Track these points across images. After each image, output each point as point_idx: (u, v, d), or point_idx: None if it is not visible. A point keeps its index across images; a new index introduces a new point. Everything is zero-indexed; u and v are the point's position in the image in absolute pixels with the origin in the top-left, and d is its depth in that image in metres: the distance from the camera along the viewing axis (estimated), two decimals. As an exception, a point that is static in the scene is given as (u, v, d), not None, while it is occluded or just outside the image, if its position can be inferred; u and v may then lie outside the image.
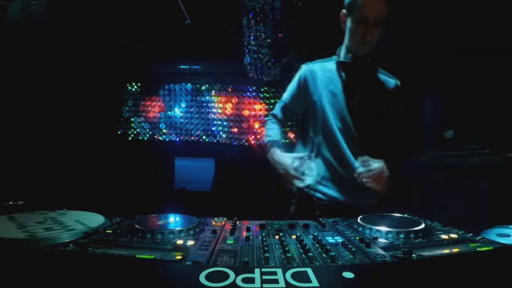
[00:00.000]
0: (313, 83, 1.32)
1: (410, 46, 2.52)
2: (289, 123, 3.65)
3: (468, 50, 1.83)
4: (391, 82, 1.34)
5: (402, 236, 0.78)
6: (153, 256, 0.62)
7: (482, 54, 1.70)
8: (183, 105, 4.22)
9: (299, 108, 1.39)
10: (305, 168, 1.14)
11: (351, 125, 1.27)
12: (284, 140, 1.51)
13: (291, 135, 3.83)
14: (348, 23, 1.23)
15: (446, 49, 2.07)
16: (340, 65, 1.30)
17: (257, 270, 0.51)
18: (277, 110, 1.44)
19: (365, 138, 1.26)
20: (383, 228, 0.81)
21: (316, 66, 1.34)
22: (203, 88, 4.18)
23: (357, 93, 1.27)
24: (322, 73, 1.32)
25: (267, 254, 0.63)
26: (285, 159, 1.18)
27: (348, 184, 1.26)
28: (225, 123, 4.16)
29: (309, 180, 1.15)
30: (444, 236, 0.77)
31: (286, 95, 1.41)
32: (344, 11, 1.25)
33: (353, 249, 0.67)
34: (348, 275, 0.49)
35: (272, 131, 1.37)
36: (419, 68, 2.43)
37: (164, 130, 4.26)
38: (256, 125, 4.06)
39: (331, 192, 1.30)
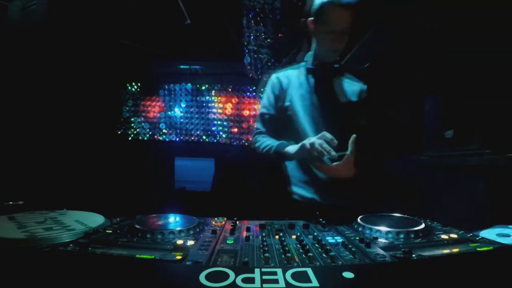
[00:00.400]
0: (286, 89, 1.35)
1: (410, 46, 2.52)
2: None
3: (468, 50, 1.83)
4: (358, 85, 1.39)
5: (402, 236, 0.78)
6: (153, 256, 0.62)
7: (482, 54, 1.70)
8: (183, 105, 4.22)
9: (279, 114, 1.37)
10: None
11: (324, 127, 1.28)
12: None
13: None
14: (316, 31, 1.27)
15: (446, 49, 2.07)
16: (309, 72, 1.35)
17: (257, 270, 0.51)
18: (262, 127, 1.39)
19: (338, 139, 1.25)
20: (383, 228, 0.81)
21: (287, 73, 1.39)
22: (203, 88, 4.18)
23: (327, 97, 1.33)
24: (293, 80, 1.36)
25: (267, 254, 0.63)
26: (301, 143, 1.15)
27: (324, 185, 1.29)
28: (225, 123, 4.16)
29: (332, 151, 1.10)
30: (444, 236, 0.77)
31: (267, 107, 1.38)
32: (310, 19, 1.27)
33: (353, 249, 0.67)
34: (348, 275, 0.49)
35: (269, 140, 1.33)
36: (419, 68, 2.43)
37: (164, 130, 4.26)
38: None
39: (307, 194, 1.31)
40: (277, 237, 0.80)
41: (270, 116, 1.37)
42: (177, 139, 4.25)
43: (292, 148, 1.22)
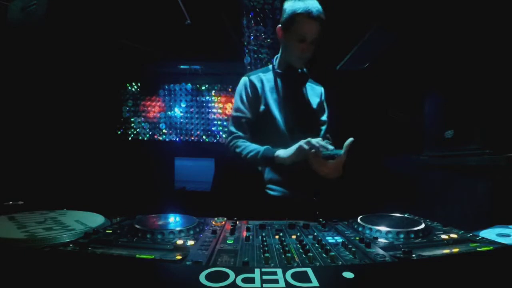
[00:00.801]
0: (261, 93, 1.39)
1: (410, 46, 2.52)
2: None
3: (468, 50, 1.83)
4: (318, 88, 1.52)
5: (402, 236, 0.78)
6: (153, 256, 0.62)
7: (482, 54, 1.70)
8: (183, 105, 4.22)
9: (255, 117, 1.38)
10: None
11: (299, 129, 1.36)
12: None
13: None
14: (286, 39, 1.34)
15: (446, 49, 2.07)
16: (277, 75, 1.42)
17: (257, 270, 0.51)
18: (238, 131, 1.36)
19: (308, 136, 1.26)
20: (383, 228, 0.81)
21: (258, 76, 1.42)
22: (203, 88, 4.18)
23: (299, 100, 1.43)
24: (266, 83, 1.41)
25: (267, 254, 0.63)
26: (294, 149, 1.16)
27: (298, 182, 1.34)
28: (225, 123, 4.16)
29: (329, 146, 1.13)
30: (444, 236, 0.77)
31: (242, 111, 1.37)
32: (280, 26, 1.35)
33: (353, 249, 0.67)
34: (348, 275, 0.49)
35: (252, 145, 1.30)
36: (419, 68, 2.43)
37: (164, 130, 4.26)
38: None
39: (284, 192, 1.36)
40: (277, 237, 0.79)
41: (246, 119, 1.37)
42: (177, 139, 4.25)
43: (284, 152, 1.21)
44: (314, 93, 1.49)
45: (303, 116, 1.41)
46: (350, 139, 1.10)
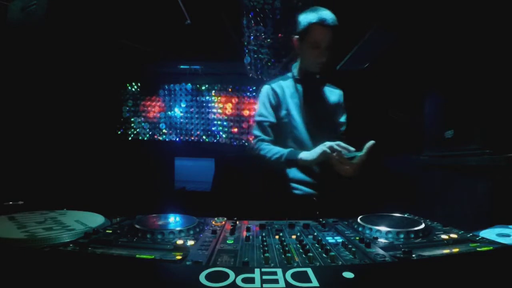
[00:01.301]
0: (282, 99, 1.49)
1: (410, 46, 2.52)
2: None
3: (468, 50, 1.83)
4: (337, 91, 1.60)
5: (402, 236, 0.78)
6: (153, 256, 0.62)
7: (483, 54, 1.70)
8: (183, 105, 4.22)
9: (277, 121, 1.48)
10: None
11: (319, 132, 1.45)
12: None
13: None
14: (302, 48, 1.43)
15: (446, 49, 2.07)
16: (296, 81, 1.52)
17: (257, 270, 0.51)
18: (263, 135, 1.45)
19: (328, 139, 1.37)
20: (383, 228, 0.81)
21: (278, 83, 1.52)
22: (203, 88, 4.18)
23: (318, 104, 1.52)
24: (286, 90, 1.51)
25: (267, 254, 0.63)
26: (318, 151, 1.25)
27: (320, 184, 1.44)
28: (225, 123, 4.16)
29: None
30: (444, 236, 0.77)
31: (265, 115, 1.47)
32: (296, 37, 1.44)
33: (353, 249, 0.67)
34: (348, 275, 0.49)
35: (275, 148, 1.38)
36: (419, 68, 2.43)
37: (164, 130, 4.26)
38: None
39: (306, 189, 1.44)
40: (277, 237, 0.80)
41: (270, 123, 1.46)
42: (177, 139, 4.25)
43: (307, 155, 1.29)
44: (332, 96, 1.56)
45: (322, 118, 1.49)
46: (371, 142, 1.18)
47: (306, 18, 1.38)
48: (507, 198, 1.44)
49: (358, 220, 0.90)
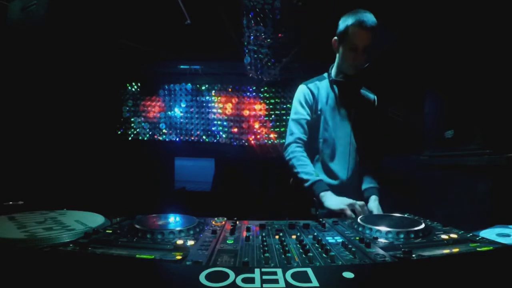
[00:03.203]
0: (317, 99, 1.51)
1: (410, 45, 2.52)
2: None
3: (468, 50, 1.83)
4: (372, 96, 1.63)
5: (402, 236, 0.77)
6: (153, 256, 0.62)
7: (483, 54, 1.70)
8: (183, 105, 4.21)
9: (312, 120, 1.51)
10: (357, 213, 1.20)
11: (348, 132, 1.50)
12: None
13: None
14: (341, 49, 1.46)
15: (446, 49, 2.07)
16: (333, 83, 1.54)
17: (257, 270, 0.51)
18: (299, 132, 1.47)
19: (359, 143, 1.49)
20: (383, 228, 0.81)
21: (314, 83, 1.55)
22: (203, 88, 4.18)
23: (352, 106, 1.53)
24: (321, 90, 1.53)
25: (267, 254, 0.63)
26: (339, 204, 1.22)
27: (344, 188, 1.44)
28: (225, 123, 4.16)
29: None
30: (444, 236, 0.77)
31: (302, 113, 1.49)
32: (336, 38, 1.47)
33: (353, 249, 0.67)
34: (348, 275, 0.49)
35: (308, 168, 1.38)
36: (419, 68, 2.43)
37: (164, 130, 4.26)
38: (256, 125, 4.06)
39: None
40: (277, 237, 0.79)
41: (306, 120, 1.49)
42: (177, 139, 4.25)
43: (329, 200, 1.26)
44: (366, 100, 1.60)
45: (356, 123, 1.52)
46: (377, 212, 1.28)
47: (345, 20, 1.41)
48: (507, 198, 1.44)
49: (358, 220, 0.90)
